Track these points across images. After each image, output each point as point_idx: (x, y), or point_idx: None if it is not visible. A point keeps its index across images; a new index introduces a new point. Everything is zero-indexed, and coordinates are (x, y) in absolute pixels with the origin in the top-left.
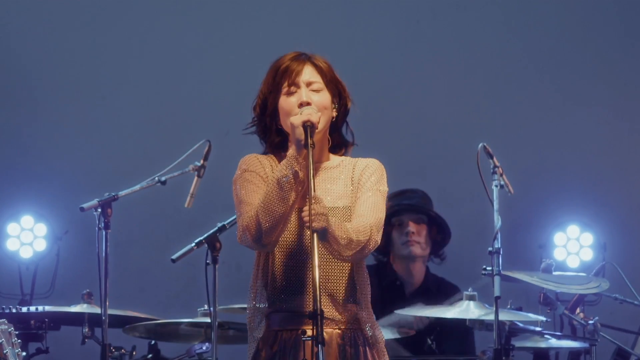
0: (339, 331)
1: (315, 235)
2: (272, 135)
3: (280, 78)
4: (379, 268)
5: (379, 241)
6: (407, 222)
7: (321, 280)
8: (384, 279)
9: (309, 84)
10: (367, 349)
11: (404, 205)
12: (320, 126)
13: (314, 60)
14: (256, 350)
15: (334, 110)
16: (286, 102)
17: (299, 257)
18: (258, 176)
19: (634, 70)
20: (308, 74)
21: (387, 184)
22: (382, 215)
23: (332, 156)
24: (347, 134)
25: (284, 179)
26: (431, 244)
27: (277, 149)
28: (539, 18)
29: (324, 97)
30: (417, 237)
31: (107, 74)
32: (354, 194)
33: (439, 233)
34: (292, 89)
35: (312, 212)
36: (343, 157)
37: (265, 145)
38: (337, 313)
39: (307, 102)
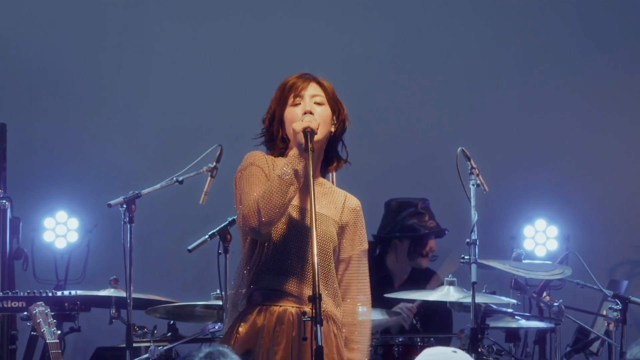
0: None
1: (314, 228)
2: (277, 142)
3: (287, 92)
4: (370, 264)
5: None
6: (432, 243)
7: (302, 271)
8: (377, 273)
9: (312, 97)
10: (334, 331)
11: (432, 232)
12: (319, 135)
13: (319, 79)
14: (237, 321)
15: (333, 126)
16: (291, 112)
17: (293, 247)
18: (262, 171)
19: (595, 79)
20: (312, 88)
21: (373, 195)
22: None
23: (322, 178)
24: (342, 151)
25: (285, 175)
26: None
27: (281, 155)
28: (508, 37)
29: (325, 111)
30: (431, 253)
31: (130, 87)
32: (341, 222)
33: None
34: (297, 100)
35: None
36: (332, 185)
37: (269, 153)
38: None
39: (310, 112)
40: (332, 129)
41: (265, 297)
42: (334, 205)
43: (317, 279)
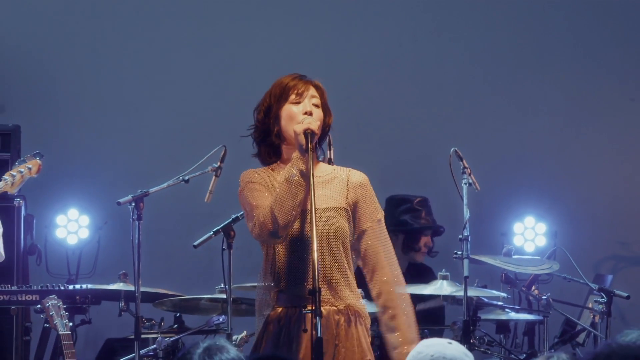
0: (335, 308)
1: (314, 223)
2: (271, 137)
3: (289, 90)
4: None
5: None
6: (427, 239)
7: (320, 269)
8: None
9: (311, 98)
10: (357, 323)
11: (423, 227)
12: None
13: (317, 83)
14: (265, 325)
15: (319, 129)
16: (291, 109)
17: (300, 251)
18: (260, 185)
19: (581, 83)
20: (312, 91)
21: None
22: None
23: (322, 164)
24: (319, 152)
25: (292, 177)
26: None
27: (271, 152)
28: (498, 43)
29: (320, 114)
30: (425, 249)
31: (138, 91)
32: (349, 202)
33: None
34: (298, 99)
35: None
36: (334, 167)
37: (259, 147)
38: (333, 295)
39: (310, 112)
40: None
41: (287, 300)
42: (338, 190)
43: (316, 274)
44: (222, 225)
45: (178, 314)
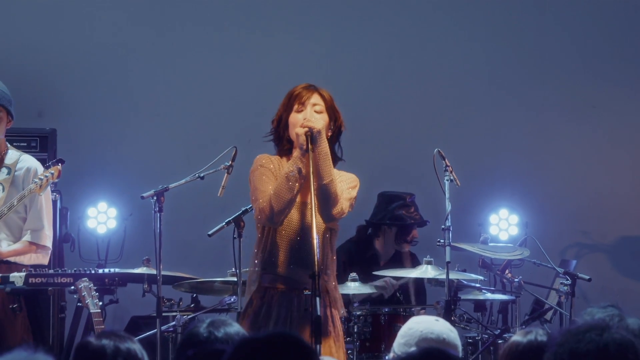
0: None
1: (314, 213)
2: (283, 142)
3: (293, 100)
4: (361, 244)
5: (344, 213)
6: (415, 232)
7: (304, 258)
8: (366, 252)
9: (313, 106)
10: (332, 307)
11: (416, 222)
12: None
13: (320, 90)
14: (249, 300)
15: (330, 130)
16: (295, 117)
17: (291, 237)
18: (269, 170)
19: (548, 92)
20: (314, 98)
21: (364, 186)
22: (346, 205)
23: None
24: (338, 150)
25: (291, 174)
26: None
27: (286, 154)
28: (473, 56)
29: (323, 118)
30: (412, 240)
31: (161, 98)
32: None
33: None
34: (301, 108)
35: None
36: (337, 172)
37: (277, 149)
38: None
39: (309, 120)
40: (329, 133)
41: (272, 280)
42: None
43: (316, 259)
44: (233, 216)
45: (194, 295)
